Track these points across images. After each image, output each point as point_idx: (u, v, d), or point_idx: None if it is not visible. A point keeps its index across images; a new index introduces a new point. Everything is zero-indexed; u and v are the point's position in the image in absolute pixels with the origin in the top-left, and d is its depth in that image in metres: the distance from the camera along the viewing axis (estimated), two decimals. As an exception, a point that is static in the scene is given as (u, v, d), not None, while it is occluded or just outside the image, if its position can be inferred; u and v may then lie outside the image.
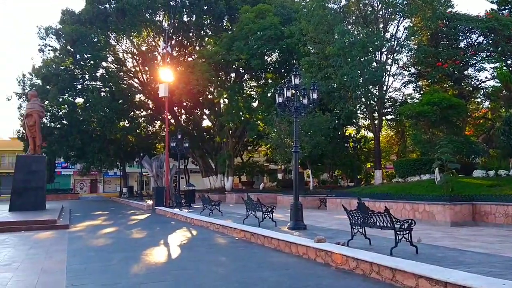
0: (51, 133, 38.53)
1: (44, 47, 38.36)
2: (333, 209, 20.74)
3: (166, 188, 26.25)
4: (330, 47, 23.19)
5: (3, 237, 13.22)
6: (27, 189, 21.75)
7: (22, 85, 39.16)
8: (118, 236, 13.95)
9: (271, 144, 30.96)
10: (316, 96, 13.54)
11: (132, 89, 41.57)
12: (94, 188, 65.31)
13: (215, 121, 37.97)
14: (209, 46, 35.87)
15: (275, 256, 9.55)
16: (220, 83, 33.47)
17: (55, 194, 45.56)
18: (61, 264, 8.82)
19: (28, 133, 24.16)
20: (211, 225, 15.04)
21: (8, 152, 57.56)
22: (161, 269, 8.36)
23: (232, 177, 37.37)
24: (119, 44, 40.45)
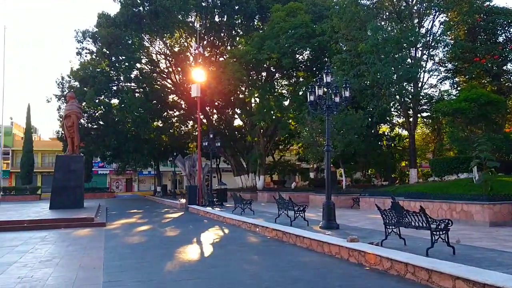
0: (88, 133, 39.70)
1: (81, 50, 39.57)
2: (367, 209, 20.42)
3: (199, 186, 26.56)
4: (362, 44, 22.80)
5: (44, 234, 13.75)
6: (66, 188, 22.51)
7: (61, 87, 40.52)
8: (152, 234, 14.22)
9: (302, 143, 30.76)
10: (349, 94, 13.35)
11: (165, 89, 42.28)
12: (130, 187, 66.84)
13: (247, 120, 38.11)
14: (240, 45, 36.01)
15: (307, 255, 9.49)
16: (251, 83, 33.54)
17: (92, 192, 46.94)
18: (98, 260, 9.08)
19: (66, 133, 25.03)
20: (243, 224, 15.10)
21: (49, 152, 59.70)
22: (193, 267, 8.47)
23: (264, 176, 37.40)
24: (152, 45, 41.23)
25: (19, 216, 17.97)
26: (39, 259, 9.26)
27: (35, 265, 8.58)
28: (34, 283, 7.02)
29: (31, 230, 14.92)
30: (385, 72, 21.95)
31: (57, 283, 7.01)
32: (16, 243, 11.79)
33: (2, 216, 18.22)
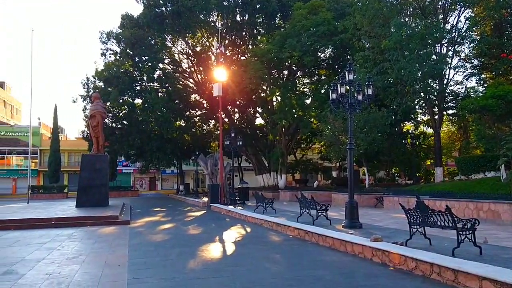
0: (112, 133, 40.37)
1: (105, 51, 40.26)
2: (390, 208, 20.15)
3: (221, 185, 26.70)
4: (386, 40, 22.49)
5: (70, 231, 14.07)
6: (91, 186, 22.95)
7: (86, 87, 41.33)
8: (175, 232, 14.38)
9: (325, 142, 30.59)
10: (372, 91, 13.18)
11: (187, 89, 42.63)
12: (153, 186, 67.72)
13: (268, 119, 38.08)
14: (261, 44, 36.01)
15: (330, 254, 9.43)
16: (272, 81, 33.49)
17: (116, 191, 47.75)
18: (123, 258, 9.23)
19: (92, 133, 25.53)
20: (265, 223, 15.11)
21: (74, 152, 61.03)
22: (216, 265, 8.52)
23: (286, 175, 37.33)
24: (175, 45, 41.63)
25: (47, 214, 18.41)
26: (66, 256, 9.49)
27: (63, 261, 8.78)
28: (62, 279, 7.19)
29: (59, 227, 15.29)
30: (409, 69, 21.59)
31: (83, 280, 7.16)
32: (44, 240, 12.10)
33: (31, 214, 18.74)
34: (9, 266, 8.37)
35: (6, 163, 58.84)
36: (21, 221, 16.08)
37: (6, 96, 73.07)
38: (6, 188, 57.15)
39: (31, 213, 19.52)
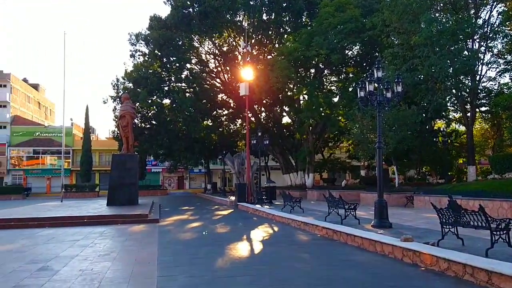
0: (142, 132, 41.08)
1: (134, 53, 40.99)
2: (421, 207, 19.74)
3: (248, 184, 26.77)
4: (416, 37, 22.00)
5: (102, 229, 14.41)
6: (122, 185, 23.41)
7: (116, 88, 42.20)
8: (203, 230, 14.50)
9: (353, 140, 30.22)
10: (401, 89, 12.93)
11: (214, 89, 42.93)
12: (181, 185, 68.56)
13: (295, 118, 37.92)
14: (288, 43, 35.86)
15: (359, 254, 9.31)
16: (299, 80, 33.31)
17: (146, 190, 48.60)
18: (152, 255, 9.38)
19: (121, 133, 26.05)
20: (293, 222, 15.06)
21: (105, 151, 62.45)
22: (244, 263, 8.54)
23: (313, 174, 37.09)
24: (202, 46, 42.00)
25: (80, 212, 18.92)
26: (98, 253, 9.72)
27: (95, 258, 9.00)
28: (94, 275, 7.37)
29: (91, 225, 15.68)
30: (440, 65, 21.07)
31: (115, 276, 7.32)
32: (77, 237, 12.43)
33: (65, 212, 19.30)
34: (45, 262, 8.65)
35: (41, 162, 60.80)
36: (56, 219, 16.58)
37: (41, 98, 75.55)
38: (41, 187, 59.10)
39: (65, 211, 20.10)
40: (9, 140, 59.27)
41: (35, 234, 13.41)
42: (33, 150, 60.39)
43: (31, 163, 60.31)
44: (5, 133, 59.50)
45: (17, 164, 59.82)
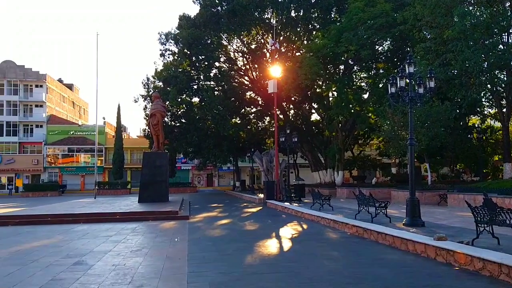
0: (171, 131, 41.67)
1: (164, 52, 41.59)
2: (455, 206, 19.21)
3: (276, 182, 26.72)
4: (448, 31, 21.37)
5: (134, 225, 14.71)
6: (152, 182, 23.81)
7: (147, 87, 42.93)
8: (232, 227, 14.59)
9: (383, 137, 29.71)
10: (433, 84, 12.58)
11: (242, 86, 43.06)
12: (210, 182, 69.20)
13: (324, 115, 37.60)
14: (317, 39, 35.54)
15: (390, 253, 9.15)
16: (328, 76, 32.99)
17: (176, 187, 49.29)
18: (182, 252, 9.50)
19: (152, 131, 26.48)
20: (322, 220, 14.94)
21: (136, 149, 63.73)
22: (273, 261, 8.54)
23: (343, 171, 36.70)
24: (230, 44, 42.17)
25: (112, 209, 19.38)
26: (130, 248, 9.92)
27: (127, 254, 9.20)
28: (127, 270, 7.53)
29: (123, 221, 16.04)
30: (474, 59, 20.40)
31: (146, 272, 7.45)
32: (110, 233, 12.74)
33: (98, 209, 19.82)
34: (80, 257, 8.90)
35: (75, 160, 62.62)
36: (90, 215, 17.06)
37: (75, 98, 77.80)
38: (76, 184, 60.93)
39: (98, 207, 20.64)
40: (46, 139, 61.33)
41: (70, 230, 13.84)
42: (68, 148, 62.27)
43: (66, 161, 62.22)
44: (41, 132, 61.63)
45: (53, 162, 61.83)
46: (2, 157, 58.65)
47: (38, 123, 61.86)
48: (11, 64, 61.47)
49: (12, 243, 11.27)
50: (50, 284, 6.65)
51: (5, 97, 60.27)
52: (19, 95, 61.14)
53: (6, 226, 15.44)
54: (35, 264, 8.25)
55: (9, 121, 60.12)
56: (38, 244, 11.07)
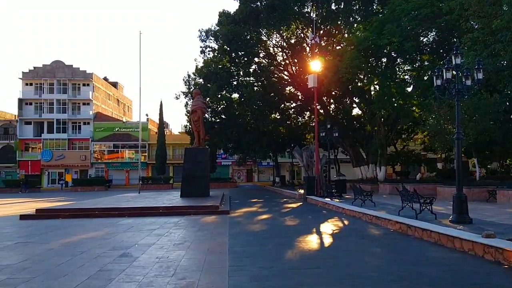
0: (212, 127, 42.18)
1: (204, 49, 42.12)
2: (504, 202, 18.37)
3: (317, 177, 26.51)
4: (497, 20, 20.34)
5: (176, 220, 15.04)
6: (194, 177, 24.22)
7: (188, 84, 43.66)
8: (272, 222, 14.62)
9: (428, 131, 28.79)
10: (482, 76, 12.03)
11: (282, 81, 42.92)
12: (250, 177, 69.57)
13: (366, 109, 36.84)
14: (358, 32, 34.84)
15: (435, 250, 8.86)
16: (370, 69, 32.25)
17: (216, 182, 49.92)
18: (223, 246, 9.62)
19: (193, 127, 26.92)
20: (364, 216, 14.69)
21: (178, 145, 65.01)
22: (313, 256, 8.48)
23: (385, 167, 35.88)
24: (269, 39, 42.11)
25: (156, 203, 19.90)
26: (173, 242, 10.15)
27: (170, 247, 9.42)
28: (170, 263, 7.72)
29: (166, 215, 16.43)
30: (525, 49, 19.34)
31: (189, 265, 7.61)
32: (154, 227, 13.09)
33: (142, 203, 20.42)
34: (125, 249, 9.21)
35: (120, 156, 64.72)
36: (134, 209, 17.60)
37: (119, 95, 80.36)
38: (120, 179, 63.01)
39: (142, 202, 21.26)
40: (92, 135, 63.76)
41: (116, 223, 14.33)
42: (113, 144, 64.43)
43: (111, 156, 64.43)
44: (88, 129, 64.14)
45: (99, 157, 64.20)
46: (53, 153, 61.54)
47: (86, 121, 64.40)
48: (60, 64, 64.27)
49: (63, 235, 11.82)
50: (98, 275, 6.91)
51: (55, 96, 63.14)
52: (68, 93, 63.90)
53: (57, 219, 16.21)
54: (83, 256, 8.61)
55: (59, 118, 62.96)
56: (87, 236, 11.55)
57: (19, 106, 62.90)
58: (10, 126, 63.50)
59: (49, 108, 63.40)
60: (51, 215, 17.02)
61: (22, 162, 61.50)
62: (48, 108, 63.41)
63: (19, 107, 62.92)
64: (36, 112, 63.57)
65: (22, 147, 62.35)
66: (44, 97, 63.22)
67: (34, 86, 63.93)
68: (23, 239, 11.38)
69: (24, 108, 63.30)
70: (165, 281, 6.45)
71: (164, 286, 6.17)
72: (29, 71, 63.83)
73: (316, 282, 6.44)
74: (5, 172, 62.15)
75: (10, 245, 10.23)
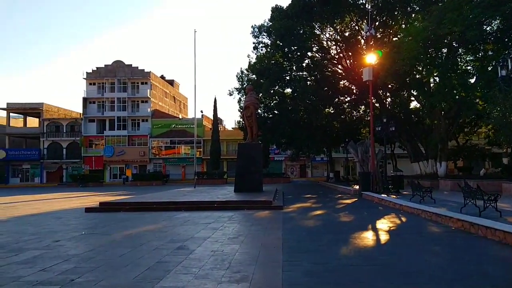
0: (265, 122, 42.34)
1: (257, 45, 42.28)
2: None
3: (372, 173, 25.87)
4: None
5: (230, 214, 15.27)
6: (247, 173, 24.47)
7: (241, 80, 44.09)
8: (327, 218, 14.45)
9: (493, 125, 27.17)
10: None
11: (336, 75, 42.21)
12: (303, 173, 69.22)
13: (424, 102, 35.33)
14: (416, 22, 33.47)
15: (500, 250, 8.37)
16: (429, 61, 30.87)
17: (269, 177, 50.11)
18: (277, 241, 9.64)
19: (246, 123, 27.16)
20: (423, 213, 14.15)
21: (232, 141, 65.94)
22: (369, 253, 8.29)
23: (446, 162, 34.31)
24: (323, 33, 41.51)
25: (211, 198, 20.32)
26: (228, 236, 10.32)
27: (224, 241, 9.58)
28: (225, 256, 7.86)
29: (220, 210, 16.74)
30: None
31: (243, 259, 7.70)
32: (209, 221, 13.37)
33: (197, 197, 20.94)
34: (182, 242, 9.49)
35: (177, 152, 66.74)
36: (190, 203, 18.08)
37: (175, 93, 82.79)
38: (177, 174, 65.00)
39: (197, 196, 21.79)
40: (150, 132, 66.20)
41: (173, 217, 14.80)
42: (170, 140, 66.56)
43: (168, 152, 66.60)
44: (147, 125, 66.66)
45: (157, 153, 66.56)
46: (114, 149, 64.60)
47: (144, 118, 66.96)
48: (120, 64, 67.23)
49: (124, 228, 12.39)
50: (157, 266, 7.18)
51: (116, 94, 66.21)
52: (128, 92, 66.78)
53: (119, 212, 17.02)
54: (143, 247, 8.97)
55: (119, 116, 65.97)
56: (146, 229, 12.02)
57: (84, 104, 66.62)
58: (75, 124, 67.41)
59: (110, 106, 66.64)
60: (113, 208, 17.91)
61: (86, 158, 65.13)
62: (109, 106, 66.66)
63: (84, 105, 66.66)
64: (99, 110, 67.03)
65: (87, 144, 66.00)
66: (106, 96, 66.56)
67: (96, 86, 67.43)
68: (89, 230, 12.06)
69: (88, 106, 66.93)
70: (220, 273, 6.57)
71: (220, 278, 6.28)
72: (92, 72, 67.36)
73: (373, 279, 6.29)
74: (71, 167, 66.12)
75: (76, 236, 10.87)
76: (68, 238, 10.45)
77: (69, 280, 6.33)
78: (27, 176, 66.71)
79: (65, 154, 65.80)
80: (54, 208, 20.40)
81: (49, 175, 65.85)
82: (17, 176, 66.65)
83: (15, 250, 8.94)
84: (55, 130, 66.52)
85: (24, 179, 66.34)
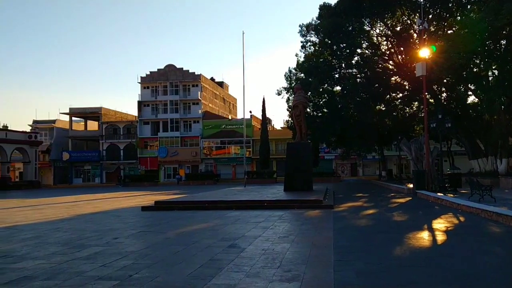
0: (314, 121, 41.96)
1: (305, 43, 42.07)
2: None
3: (427, 171, 24.97)
4: None
5: (280, 213, 15.32)
6: (296, 172, 24.36)
7: (289, 80, 44.02)
8: (379, 218, 14.14)
9: (560, 119, 25.41)
10: None
11: (387, 71, 41.12)
12: (354, 171, 67.98)
13: (483, 97, 33.64)
14: (472, 14, 31.94)
15: None
16: (487, 53, 29.37)
17: (319, 177, 49.66)
18: (328, 240, 9.57)
19: (295, 122, 27.09)
20: (482, 212, 13.50)
21: (281, 140, 65.97)
22: (425, 254, 8.03)
23: (507, 159, 32.45)
24: (373, 29, 40.61)
25: (260, 197, 20.45)
26: (278, 235, 10.37)
27: (275, 240, 9.64)
28: (275, 255, 7.91)
29: (270, 209, 16.81)
30: None
31: (294, 258, 7.71)
32: (259, 219, 13.49)
33: (247, 196, 21.16)
34: (233, 240, 9.65)
35: (227, 152, 67.78)
36: (240, 202, 18.31)
37: (225, 94, 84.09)
38: (228, 173, 66.00)
39: (248, 195, 22.01)
40: (201, 133, 67.70)
41: (224, 215, 15.06)
42: (220, 141, 67.76)
43: (219, 152, 67.81)
44: (198, 127, 68.25)
45: (208, 153, 67.94)
46: (167, 150, 66.68)
47: (195, 119, 68.57)
48: (172, 67, 69.29)
49: (177, 226, 12.79)
50: (210, 264, 7.36)
51: (168, 97, 68.37)
52: (179, 94, 68.70)
53: (172, 210, 17.57)
54: (196, 245, 9.22)
55: (172, 118, 68.01)
56: (198, 227, 12.34)
57: (139, 108, 69.30)
58: (131, 126, 70.25)
59: (163, 108, 68.82)
60: (167, 206, 18.52)
61: (142, 159, 67.73)
62: (162, 108, 68.89)
63: (139, 108, 69.32)
64: (153, 113, 69.46)
65: (142, 145, 68.65)
66: (159, 99, 68.83)
67: (150, 89, 69.93)
68: (145, 228, 12.57)
69: (142, 109, 69.52)
70: (271, 272, 6.63)
71: (271, 277, 6.34)
72: (146, 76, 69.92)
73: (429, 281, 6.09)
74: (128, 167, 69.00)
75: (134, 234, 11.36)
76: (126, 236, 10.93)
77: (127, 276, 6.63)
78: (88, 176, 70.58)
79: (122, 155, 68.83)
80: (113, 206, 21.41)
81: (108, 175, 69.18)
82: (79, 177, 70.67)
83: (78, 246, 9.48)
84: (112, 132, 69.73)
85: (85, 179, 70.25)
